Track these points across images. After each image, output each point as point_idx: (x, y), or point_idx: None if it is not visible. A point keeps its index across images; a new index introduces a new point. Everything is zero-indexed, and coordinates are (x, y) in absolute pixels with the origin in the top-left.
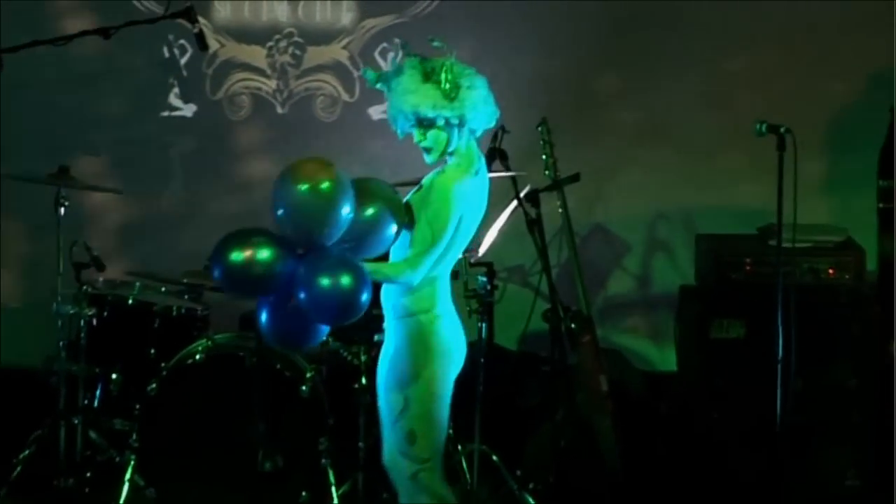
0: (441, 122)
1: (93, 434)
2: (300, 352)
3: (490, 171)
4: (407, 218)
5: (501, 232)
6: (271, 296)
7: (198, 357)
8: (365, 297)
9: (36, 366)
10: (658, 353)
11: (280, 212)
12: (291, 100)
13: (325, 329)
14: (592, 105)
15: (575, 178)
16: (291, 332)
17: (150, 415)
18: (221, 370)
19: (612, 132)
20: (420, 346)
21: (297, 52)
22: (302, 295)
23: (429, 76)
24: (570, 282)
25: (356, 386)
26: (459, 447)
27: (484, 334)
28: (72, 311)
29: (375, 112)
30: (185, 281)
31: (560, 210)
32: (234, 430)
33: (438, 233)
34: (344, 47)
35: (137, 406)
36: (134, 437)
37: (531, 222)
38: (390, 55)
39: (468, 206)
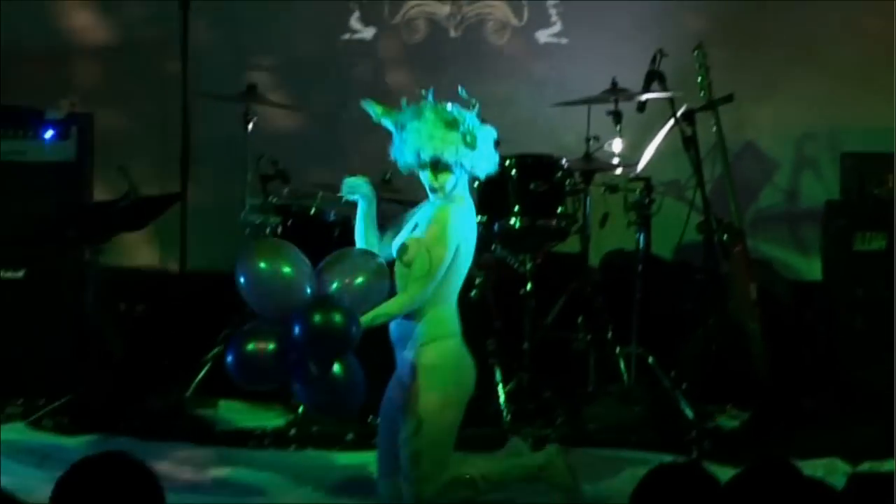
0: (457, 168)
1: None
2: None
3: (649, 91)
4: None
5: (659, 149)
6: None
7: None
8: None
9: (224, 270)
10: (804, 264)
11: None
12: (464, 24)
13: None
14: (746, 29)
15: (728, 98)
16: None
17: None
18: None
19: (764, 55)
20: (437, 372)
21: None
22: (297, 330)
23: (451, 125)
24: (723, 196)
25: (522, 292)
26: (618, 349)
27: (642, 245)
28: (258, 220)
29: (543, 35)
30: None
31: (714, 129)
32: None
33: (437, 259)
34: None
35: None
36: None
37: (687, 140)
38: None
39: (464, 234)
